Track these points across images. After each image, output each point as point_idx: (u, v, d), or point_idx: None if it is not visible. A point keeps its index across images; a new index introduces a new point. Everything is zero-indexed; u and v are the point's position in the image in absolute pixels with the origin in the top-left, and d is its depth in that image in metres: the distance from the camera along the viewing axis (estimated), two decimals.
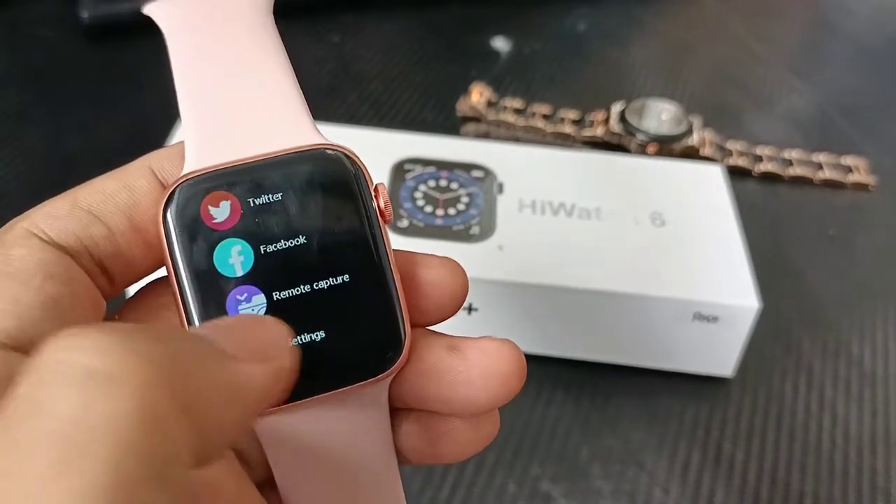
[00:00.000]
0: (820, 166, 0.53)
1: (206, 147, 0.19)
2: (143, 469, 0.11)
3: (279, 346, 0.16)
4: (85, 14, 0.58)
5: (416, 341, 0.19)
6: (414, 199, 0.41)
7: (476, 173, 0.42)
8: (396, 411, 0.20)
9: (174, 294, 0.18)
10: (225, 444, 0.14)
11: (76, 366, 0.12)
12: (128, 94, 0.55)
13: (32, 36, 0.60)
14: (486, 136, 0.54)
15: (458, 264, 0.20)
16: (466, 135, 0.54)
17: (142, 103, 0.55)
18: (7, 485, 0.11)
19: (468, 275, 0.20)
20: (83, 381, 0.12)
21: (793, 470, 0.37)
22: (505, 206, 0.41)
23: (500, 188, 0.42)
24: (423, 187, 0.41)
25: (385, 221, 0.19)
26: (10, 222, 0.18)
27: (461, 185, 0.42)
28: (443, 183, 0.42)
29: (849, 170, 0.53)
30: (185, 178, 0.18)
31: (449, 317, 0.20)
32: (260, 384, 0.15)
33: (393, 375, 0.19)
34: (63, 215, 0.18)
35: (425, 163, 0.43)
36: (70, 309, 0.17)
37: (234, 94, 0.19)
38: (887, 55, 0.68)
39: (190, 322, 0.18)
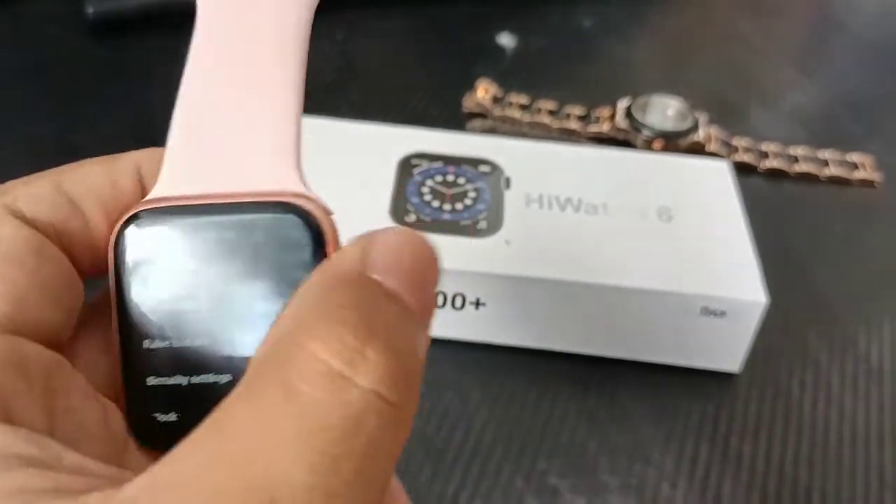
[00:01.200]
0: (826, 163, 0.53)
1: (181, 173, 0.18)
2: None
3: (435, 275, 0.16)
4: (90, 10, 0.58)
5: None
6: (421, 194, 0.41)
7: (483, 168, 0.42)
8: None
9: (113, 323, 0.18)
10: None
11: (383, 399, 0.14)
12: (132, 89, 0.55)
13: (38, 31, 0.60)
14: (492, 132, 0.54)
15: None
16: (472, 130, 0.54)
17: (146, 99, 0.54)
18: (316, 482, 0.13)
19: (475, 269, 0.19)
20: (386, 415, 0.14)
21: (800, 465, 0.37)
22: (512, 200, 0.41)
23: (508, 183, 0.42)
24: (430, 182, 0.41)
25: None
26: None
27: (468, 180, 0.41)
28: (450, 178, 0.42)
29: (854, 166, 0.53)
30: (146, 205, 0.18)
31: None
32: (428, 341, 0.16)
33: None
34: (45, 198, 0.18)
35: (432, 158, 0.43)
36: (61, 290, 0.17)
37: (228, 123, 0.18)
38: (892, 52, 0.68)
39: (124, 364, 0.18)
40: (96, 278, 0.19)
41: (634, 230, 0.40)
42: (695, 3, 0.72)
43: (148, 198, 0.18)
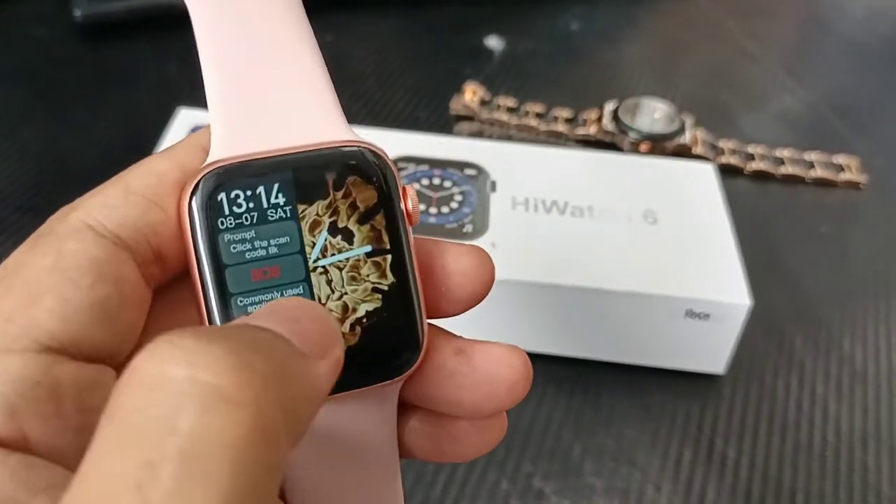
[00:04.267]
0: (812, 165, 0.53)
1: (233, 135, 0.18)
2: (261, 478, 0.12)
3: (335, 336, 0.15)
4: (78, 13, 0.58)
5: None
6: None
7: (469, 171, 0.42)
8: (404, 407, 0.20)
9: (195, 287, 0.17)
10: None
11: (198, 382, 0.12)
12: (122, 92, 0.55)
13: (26, 35, 0.60)
14: (479, 134, 0.54)
15: (485, 253, 0.20)
16: (460, 133, 0.54)
17: (136, 102, 0.55)
18: (140, 498, 0.11)
19: None
20: (205, 399, 0.12)
21: (784, 467, 0.37)
22: (498, 204, 0.41)
23: (493, 186, 0.42)
24: (416, 185, 0.41)
25: (411, 223, 0.19)
26: (63, 211, 0.17)
27: (454, 184, 0.42)
28: (436, 181, 0.42)
29: (840, 168, 0.53)
30: (210, 168, 0.18)
31: (475, 305, 0.20)
32: (326, 379, 0.15)
33: (408, 376, 0.19)
34: (119, 204, 0.17)
35: (418, 161, 0.43)
36: (117, 311, 0.17)
37: (265, 83, 0.19)
38: (879, 54, 0.69)
39: (211, 320, 0.17)
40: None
41: (620, 233, 0.40)
42: (682, 5, 0.73)
43: (207, 163, 0.18)
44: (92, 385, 0.16)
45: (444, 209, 0.40)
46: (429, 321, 0.19)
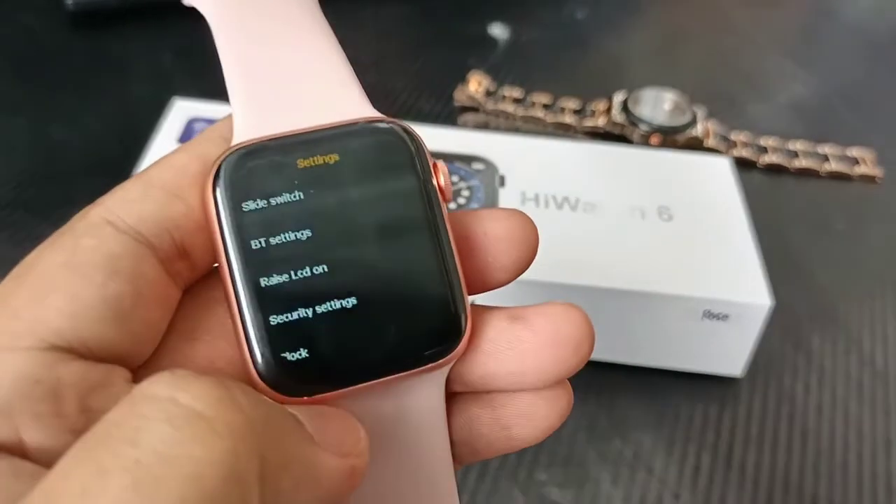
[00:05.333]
0: (826, 158, 0.52)
1: (256, 119, 0.17)
2: None
3: (357, 444, 0.15)
4: (70, 1, 0.56)
5: (473, 317, 0.18)
6: None
7: (477, 165, 0.41)
8: (458, 398, 0.19)
9: (222, 274, 0.16)
10: None
11: (176, 404, 0.12)
12: (114, 82, 0.53)
13: (16, 23, 0.58)
14: (484, 126, 0.52)
15: (524, 214, 0.19)
16: (465, 125, 0.52)
17: (128, 91, 0.53)
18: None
19: None
20: (179, 420, 0.12)
21: (806, 473, 0.36)
22: (507, 199, 0.39)
23: (502, 181, 0.40)
24: None
25: (445, 200, 0.18)
26: (86, 209, 0.17)
27: (462, 178, 0.40)
28: None
29: (855, 161, 0.52)
30: (234, 149, 0.17)
31: (521, 273, 0.19)
32: (336, 476, 0.14)
33: (454, 360, 0.18)
34: (138, 198, 0.17)
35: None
36: (131, 310, 0.16)
37: (283, 66, 0.18)
38: (889, 44, 0.67)
39: (240, 311, 0.16)
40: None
41: (634, 230, 0.38)
42: None
43: (232, 145, 0.17)
44: (99, 386, 0.16)
45: (451, 205, 0.39)
46: (475, 296, 0.18)
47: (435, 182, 0.18)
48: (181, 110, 0.42)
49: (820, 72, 0.62)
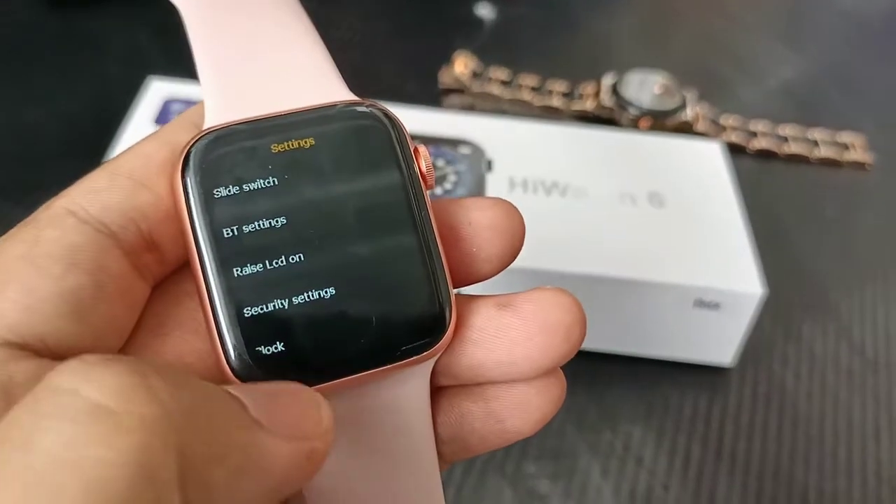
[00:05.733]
0: (816, 143, 0.51)
1: (227, 104, 0.17)
2: None
3: (318, 425, 0.14)
4: None
5: (459, 306, 0.17)
6: None
7: (463, 149, 0.40)
8: (448, 393, 0.18)
9: (193, 264, 0.16)
10: None
11: (79, 397, 0.11)
12: (90, 62, 0.52)
13: None
14: (470, 108, 0.51)
15: (510, 204, 0.18)
16: (450, 107, 0.51)
17: (104, 72, 0.51)
18: None
19: None
20: (81, 416, 0.11)
21: (796, 462, 0.35)
22: (494, 184, 0.38)
23: (489, 165, 0.39)
24: None
25: (427, 186, 0.17)
26: (51, 200, 0.16)
27: (448, 163, 0.39)
28: None
29: (845, 147, 0.51)
30: (204, 133, 0.16)
31: (507, 265, 0.18)
32: (287, 463, 0.13)
33: (439, 353, 0.17)
34: (104, 188, 0.16)
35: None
36: (92, 304, 0.15)
37: (256, 50, 0.17)
38: (880, 27, 0.66)
39: (212, 302, 0.15)
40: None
41: (625, 216, 0.38)
42: None
43: (203, 130, 0.16)
44: None
45: (438, 190, 0.38)
46: (463, 287, 0.18)
47: (416, 167, 0.17)
48: (157, 90, 0.41)
49: (810, 55, 0.61)
